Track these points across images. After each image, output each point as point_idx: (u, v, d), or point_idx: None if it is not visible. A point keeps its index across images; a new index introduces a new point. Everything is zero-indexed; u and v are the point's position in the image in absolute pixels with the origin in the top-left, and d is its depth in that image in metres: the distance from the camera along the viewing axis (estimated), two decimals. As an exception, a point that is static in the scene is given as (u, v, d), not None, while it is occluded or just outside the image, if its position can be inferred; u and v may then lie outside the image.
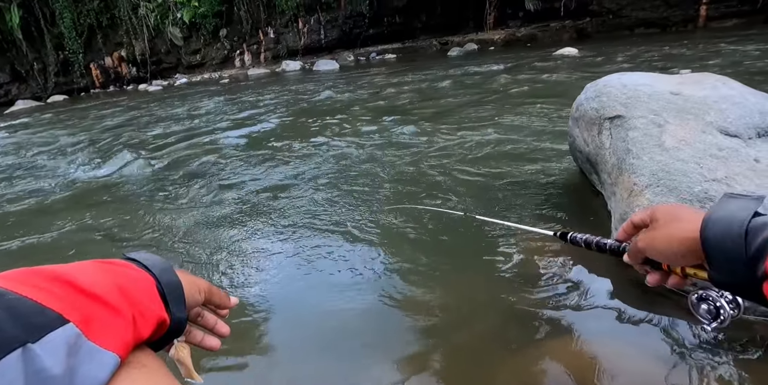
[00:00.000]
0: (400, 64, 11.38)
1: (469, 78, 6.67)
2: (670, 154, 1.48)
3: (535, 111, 3.90)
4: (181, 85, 14.47)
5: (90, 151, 4.80)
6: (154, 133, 5.50)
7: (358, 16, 14.37)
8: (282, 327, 1.48)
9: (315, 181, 2.79)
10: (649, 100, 1.70)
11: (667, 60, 6.35)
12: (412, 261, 1.74)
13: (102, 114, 8.60)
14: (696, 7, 10.74)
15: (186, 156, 3.95)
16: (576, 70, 6.30)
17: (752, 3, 10.07)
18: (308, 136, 4.07)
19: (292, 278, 1.76)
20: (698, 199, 1.34)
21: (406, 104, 5.24)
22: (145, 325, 0.42)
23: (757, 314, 1.20)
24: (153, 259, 0.49)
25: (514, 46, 12.34)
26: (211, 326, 0.59)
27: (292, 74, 12.63)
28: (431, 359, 1.24)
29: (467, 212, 2.03)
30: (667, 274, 0.66)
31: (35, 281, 0.37)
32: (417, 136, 3.58)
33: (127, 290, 0.41)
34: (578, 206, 2.04)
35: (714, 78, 1.84)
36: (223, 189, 2.89)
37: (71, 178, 3.71)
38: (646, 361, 1.17)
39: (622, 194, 1.56)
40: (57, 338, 0.33)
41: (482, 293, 1.51)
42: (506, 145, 3.01)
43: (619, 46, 8.84)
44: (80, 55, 16.64)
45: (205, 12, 14.78)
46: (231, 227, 2.27)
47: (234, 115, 6.00)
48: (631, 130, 1.65)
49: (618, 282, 1.46)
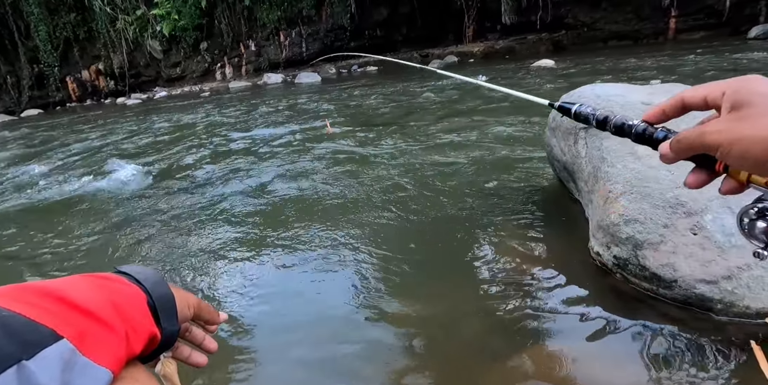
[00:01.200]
0: (382, 76, 11.50)
1: (450, 90, 6.77)
2: (643, 162, 1.53)
3: (514, 122, 3.97)
4: (160, 98, 14.33)
5: (65, 167, 4.70)
6: (132, 147, 5.42)
7: (339, 29, 14.50)
8: (267, 339, 1.46)
9: (294, 192, 2.78)
10: (622, 110, 1.76)
11: (638, 71, 6.56)
12: (394, 270, 1.75)
13: (78, 128, 8.43)
14: (666, 20, 11.16)
15: (164, 170, 3.89)
16: (552, 82, 6.46)
17: (718, 16, 10.51)
18: (289, 148, 4.07)
19: (277, 291, 1.74)
20: (670, 205, 1.38)
21: (386, 116, 5.29)
22: (137, 340, 0.42)
23: (731, 316, 1.24)
24: (145, 272, 0.49)
25: (493, 58, 12.60)
26: (199, 342, 0.58)
27: (273, 87, 12.63)
28: (415, 368, 1.24)
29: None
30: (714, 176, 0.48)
31: (27, 298, 0.36)
32: (397, 146, 3.61)
33: (119, 305, 0.41)
34: (557, 213, 2.08)
35: (683, 88, 1.92)
36: (200, 202, 2.86)
37: (45, 194, 3.62)
38: (625, 366, 1.18)
39: (598, 201, 1.60)
40: (51, 355, 0.33)
41: (464, 301, 1.52)
42: (486, 155, 3.05)
43: (593, 58, 9.11)
44: (56, 69, 16.34)
45: (185, 25, 14.73)
46: (212, 240, 2.24)
47: (214, 128, 5.95)
48: (605, 140, 1.70)
49: (596, 288, 1.49)
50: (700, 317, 1.27)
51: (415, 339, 1.35)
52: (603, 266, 1.53)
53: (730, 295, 1.22)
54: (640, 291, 1.41)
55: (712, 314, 1.26)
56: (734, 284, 1.23)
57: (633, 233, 1.39)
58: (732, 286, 1.23)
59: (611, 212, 1.48)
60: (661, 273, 1.32)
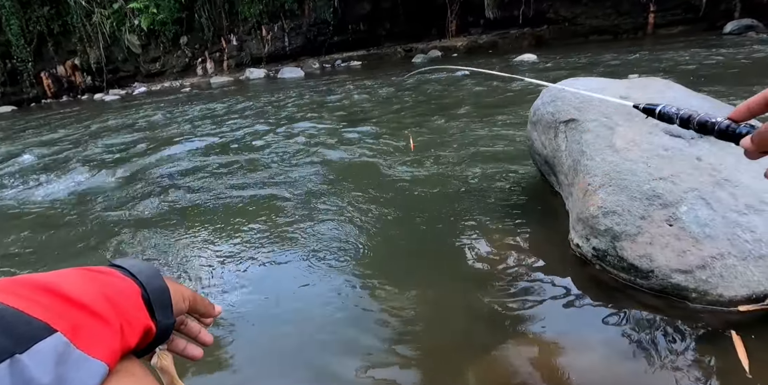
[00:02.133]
0: (366, 70, 11.45)
1: (433, 84, 6.78)
2: (621, 155, 1.56)
3: (495, 116, 4.00)
4: (139, 94, 14.03)
5: (40, 166, 4.58)
6: (110, 145, 5.30)
7: (322, 24, 14.37)
8: (256, 332, 1.45)
9: (277, 188, 2.76)
10: (600, 104, 1.79)
11: (617, 65, 6.66)
12: (378, 264, 1.75)
13: (54, 126, 8.22)
14: (645, 15, 11.34)
15: (144, 169, 3.82)
16: (535, 76, 6.51)
17: (695, 11, 10.72)
18: (271, 144, 4.03)
19: (265, 285, 1.73)
20: (647, 197, 1.41)
21: (370, 111, 5.27)
22: (132, 333, 0.42)
23: (705, 304, 1.28)
24: (140, 265, 0.48)
25: (477, 52, 12.64)
26: (194, 335, 0.58)
27: (256, 82, 12.48)
28: (401, 361, 1.25)
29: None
30: None
31: (20, 291, 0.36)
32: (380, 141, 3.60)
33: (113, 298, 0.41)
34: (538, 205, 2.11)
35: (660, 82, 1.95)
36: (183, 200, 2.82)
37: (20, 197, 3.53)
38: (605, 353, 1.21)
39: (578, 194, 1.62)
40: (45, 348, 0.33)
41: (447, 294, 1.53)
42: (468, 149, 3.07)
43: (574, 52, 9.21)
44: (29, 64, 15.85)
45: (164, 19, 14.41)
46: (197, 237, 2.22)
47: (195, 124, 5.86)
48: (584, 133, 1.72)
49: (576, 279, 1.51)
50: (677, 306, 1.30)
51: (400, 332, 1.36)
52: (583, 257, 1.56)
53: (704, 284, 1.26)
54: (618, 281, 1.44)
55: (687, 302, 1.30)
56: (708, 273, 1.26)
57: (611, 225, 1.42)
58: (706, 275, 1.26)
59: (590, 204, 1.51)
60: (638, 264, 1.35)
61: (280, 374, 1.28)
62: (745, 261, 1.24)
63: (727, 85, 4.26)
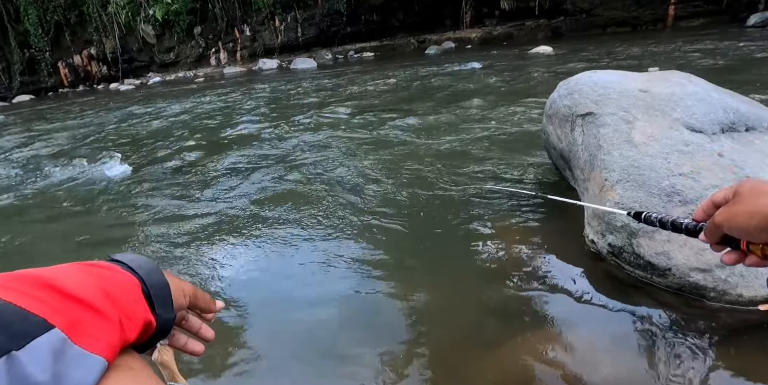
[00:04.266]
0: (379, 62, 11.37)
1: (447, 76, 6.71)
2: (639, 150, 1.52)
3: (510, 108, 3.95)
4: (154, 84, 14.13)
5: (57, 155, 4.65)
6: (124, 135, 5.36)
7: (335, 14, 14.27)
8: (262, 326, 1.46)
9: (287, 179, 2.77)
10: (618, 97, 1.75)
11: (636, 58, 6.51)
12: (390, 257, 1.75)
13: (71, 115, 8.33)
14: (665, 6, 11.05)
15: (160, 159, 3.86)
16: (550, 68, 6.40)
17: (718, 3, 10.41)
18: (285, 135, 4.03)
19: (272, 278, 1.74)
20: (666, 193, 1.38)
21: (384, 102, 5.24)
22: (131, 327, 0.41)
23: (723, 303, 1.25)
24: (139, 260, 0.47)
25: (491, 44, 12.46)
26: (195, 331, 0.57)
27: (269, 73, 12.47)
28: (411, 354, 1.25)
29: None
30: (744, 254, 0.62)
31: (16, 286, 0.35)
32: (395, 134, 3.58)
33: (112, 292, 0.40)
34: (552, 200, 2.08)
35: (680, 75, 1.90)
36: (198, 191, 2.84)
37: (40, 183, 3.59)
38: (620, 351, 1.20)
39: (594, 189, 1.59)
40: (42, 345, 0.32)
41: (459, 287, 1.53)
42: (483, 142, 3.04)
43: (591, 44, 9.02)
44: (47, 54, 16.05)
45: (178, 9, 14.45)
46: (205, 227, 2.23)
47: (210, 115, 5.89)
48: (602, 127, 1.69)
49: (591, 275, 1.49)
50: (694, 304, 1.28)
51: (410, 325, 1.36)
52: (598, 253, 1.54)
53: (724, 283, 1.23)
54: (634, 278, 1.41)
55: (705, 300, 1.27)
56: (728, 272, 1.23)
57: (628, 221, 1.39)
58: (725, 274, 1.23)
59: (606, 199, 1.48)
60: (655, 261, 1.33)
61: (284, 366, 1.28)
62: (767, 260, 1.21)
63: (750, 79, 4.15)
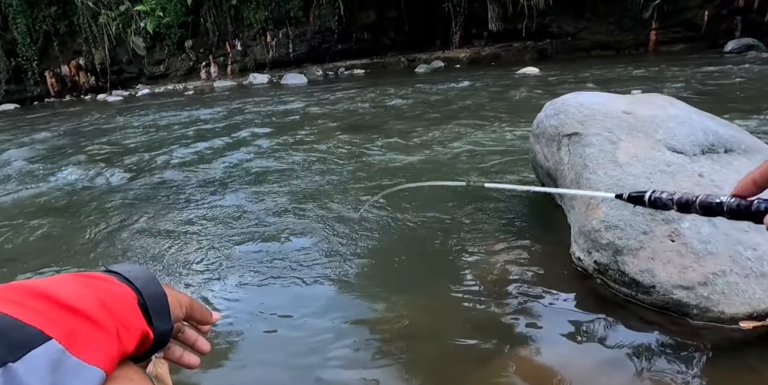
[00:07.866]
0: (369, 79, 11.52)
1: (436, 94, 6.82)
2: (623, 170, 1.56)
3: (498, 127, 4.02)
4: (143, 95, 14.06)
5: (39, 164, 4.57)
6: (110, 145, 5.31)
7: (326, 32, 14.47)
8: (251, 340, 1.44)
9: (276, 193, 2.76)
10: (603, 118, 1.80)
11: (620, 81, 6.71)
12: (375, 275, 1.74)
13: (56, 124, 8.22)
14: (647, 31, 11.45)
15: (142, 169, 3.82)
16: (536, 89, 6.56)
17: (697, 29, 10.83)
18: (272, 150, 4.04)
19: (261, 294, 1.72)
20: (649, 211, 1.41)
21: (373, 119, 5.29)
22: (129, 339, 0.41)
23: (706, 320, 1.27)
24: (136, 270, 0.47)
25: (479, 64, 12.73)
26: (191, 343, 0.57)
27: (259, 87, 12.52)
28: (397, 372, 1.23)
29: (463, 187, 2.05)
30: None
31: (13, 297, 0.35)
32: (381, 150, 3.61)
33: (108, 303, 0.40)
34: (539, 218, 2.11)
35: (662, 98, 1.97)
36: (180, 204, 2.81)
37: (17, 194, 3.52)
38: (604, 369, 1.20)
39: (580, 207, 1.62)
40: (39, 356, 0.32)
41: (446, 305, 1.53)
42: (471, 160, 3.08)
43: (576, 66, 9.28)
44: (35, 63, 15.91)
45: (169, 22, 14.51)
46: (196, 244, 2.21)
47: (198, 128, 5.87)
48: (587, 147, 1.73)
49: (577, 293, 1.51)
50: (678, 322, 1.30)
51: (397, 343, 1.35)
52: (584, 271, 1.56)
53: (706, 300, 1.26)
54: (619, 296, 1.43)
55: (688, 318, 1.29)
56: (710, 290, 1.26)
57: (613, 239, 1.42)
58: (707, 292, 1.26)
59: (592, 218, 1.51)
60: (640, 279, 1.35)
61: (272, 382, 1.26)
62: (747, 278, 1.24)
63: (728, 102, 4.30)
